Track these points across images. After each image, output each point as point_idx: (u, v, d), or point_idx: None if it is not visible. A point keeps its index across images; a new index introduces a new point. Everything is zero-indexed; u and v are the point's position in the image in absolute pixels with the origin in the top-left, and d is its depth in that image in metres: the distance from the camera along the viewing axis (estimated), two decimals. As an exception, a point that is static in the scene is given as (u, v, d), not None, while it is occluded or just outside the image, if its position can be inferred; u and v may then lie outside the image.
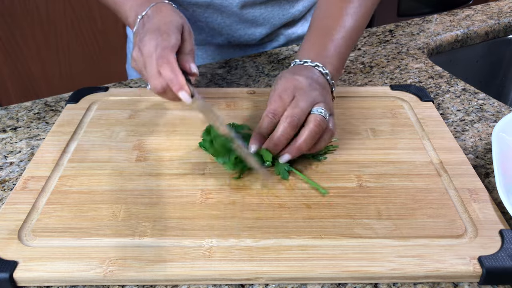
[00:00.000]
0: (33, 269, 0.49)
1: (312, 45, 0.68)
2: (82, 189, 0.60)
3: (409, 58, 0.96)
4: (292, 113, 0.59)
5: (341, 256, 0.50)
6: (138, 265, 0.49)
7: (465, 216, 0.56)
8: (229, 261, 0.50)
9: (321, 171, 0.63)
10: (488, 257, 0.50)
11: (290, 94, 0.60)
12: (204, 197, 0.58)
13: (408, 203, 0.57)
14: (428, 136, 0.69)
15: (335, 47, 0.67)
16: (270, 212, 0.56)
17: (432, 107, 0.76)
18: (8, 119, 0.78)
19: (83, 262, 0.50)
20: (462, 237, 0.53)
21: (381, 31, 1.08)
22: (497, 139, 0.63)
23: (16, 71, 1.90)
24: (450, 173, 0.62)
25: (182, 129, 0.71)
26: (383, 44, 1.02)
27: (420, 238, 0.53)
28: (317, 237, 0.53)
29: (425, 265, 0.49)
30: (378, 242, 0.52)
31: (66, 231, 0.53)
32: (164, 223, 0.55)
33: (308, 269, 0.49)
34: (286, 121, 0.59)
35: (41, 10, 1.82)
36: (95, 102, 0.78)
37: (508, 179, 0.58)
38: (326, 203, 0.57)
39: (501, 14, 1.14)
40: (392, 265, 0.49)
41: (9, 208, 0.57)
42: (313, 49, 0.67)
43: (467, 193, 0.59)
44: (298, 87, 0.61)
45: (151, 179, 0.61)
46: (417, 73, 0.90)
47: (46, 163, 0.64)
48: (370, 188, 0.60)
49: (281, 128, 0.59)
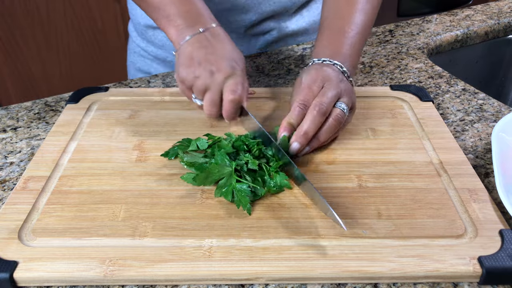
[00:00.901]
0: (33, 269, 0.49)
1: (327, 45, 0.70)
2: (82, 189, 0.60)
3: (409, 58, 0.96)
4: (320, 102, 0.62)
5: (341, 256, 0.50)
6: (138, 265, 0.49)
7: (465, 216, 0.56)
8: (229, 261, 0.50)
9: (321, 171, 0.63)
10: (488, 257, 0.50)
11: (320, 85, 0.64)
12: (204, 197, 0.58)
13: (408, 203, 0.57)
14: (428, 136, 0.69)
15: (350, 44, 0.69)
16: (270, 212, 0.56)
17: (432, 107, 0.76)
18: (8, 119, 0.78)
19: (83, 262, 0.50)
20: (462, 237, 0.53)
21: (381, 31, 1.08)
22: (497, 139, 0.63)
23: (16, 71, 1.90)
24: (450, 173, 0.62)
25: (182, 129, 0.71)
26: (383, 44, 1.02)
27: (420, 238, 0.53)
28: (317, 237, 0.53)
29: (425, 265, 0.49)
30: (378, 242, 0.52)
31: (66, 231, 0.54)
32: (164, 223, 0.55)
33: (308, 269, 0.49)
34: (315, 109, 0.62)
35: (41, 10, 1.82)
36: (95, 102, 0.78)
37: (508, 179, 0.58)
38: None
39: (501, 14, 1.14)
40: (392, 265, 0.49)
41: (9, 208, 0.57)
42: (328, 49, 0.69)
43: (467, 193, 0.59)
44: (327, 78, 0.64)
45: (151, 179, 0.61)
46: (417, 73, 0.90)
47: (46, 163, 0.64)
48: (370, 188, 0.60)
49: (310, 116, 0.62)
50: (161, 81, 0.88)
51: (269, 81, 0.88)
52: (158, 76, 0.90)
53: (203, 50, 0.64)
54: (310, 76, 0.65)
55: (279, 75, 0.90)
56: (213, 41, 0.65)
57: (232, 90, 0.62)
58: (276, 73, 0.91)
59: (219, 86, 0.63)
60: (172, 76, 0.90)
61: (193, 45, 0.64)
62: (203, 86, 0.63)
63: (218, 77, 0.62)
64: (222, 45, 0.65)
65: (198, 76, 0.63)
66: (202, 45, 0.64)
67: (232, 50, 0.65)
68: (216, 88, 0.63)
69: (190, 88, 0.65)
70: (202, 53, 0.63)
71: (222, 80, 0.63)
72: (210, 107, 0.64)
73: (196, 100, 0.66)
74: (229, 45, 0.66)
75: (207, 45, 0.64)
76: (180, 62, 0.65)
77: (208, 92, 0.64)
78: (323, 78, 0.64)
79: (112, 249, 0.51)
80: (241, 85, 0.63)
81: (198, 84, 0.63)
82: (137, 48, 1.02)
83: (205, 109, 0.65)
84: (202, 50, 0.64)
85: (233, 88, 0.62)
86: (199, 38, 0.65)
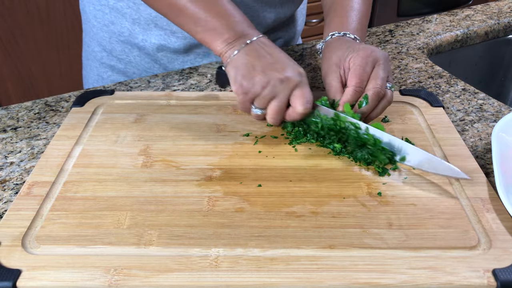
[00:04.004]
0: (36, 278, 0.48)
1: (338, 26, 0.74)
2: (87, 195, 0.59)
3: (409, 58, 0.95)
4: (377, 85, 0.65)
5: (351, 267, 0.49)
6: (143, 274, 0.48)
7: (478, 226, 0.54)
8: (236, 272, 0.49)
9: (330, 179, 0.61)
10: (503, 270, 0.48)
11: (371, 66, 0.66)
12: (211, 204, 0.57)
13: (419, 213, 0.56)
14: (439, 143, 0.68)
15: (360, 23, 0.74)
16: (278, 221, 0.55)
17: (442, 113, 0.75)
18: (8, 119, 0.77)
19: (88, 271, 0.49)
20: (475, 248, 0.52)
21: (381, 31, 1.08)
22: (497, 139, 0.62)
23: (16, 71, 1.90)
24: (462, 182, 0.61)
25: (188, 133, 0.70)
26: (383, 44, 1.02)
27: (431, 249, 0.51)
28: (326, 247, 0.52)
29: (437, 277, 0.48)
30: (389, 253, 0.51)
31: (70, 238, 0.53)
32: (170, 231, 0.54)
33: (317, 281, 0.48)
34: (374, 92, 0.65)
35: (41, 10, 1.82)
36: (101, 106, 0.77)
37: (508, 179, 0.57)
38: (335, 211, 0.56)
39: (501, 14, 1.13)
40: (403, 277, 0.48)
41: (13, 214, 0.56)
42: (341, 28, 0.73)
43: (480, 202, 0.57)
44: (376, 58, 0.67)
45: (157, 185, 0.60)
46: (417, 73, 0.90)
47: (51, 168, 0.63)
48: (380, 197, 0.58)
49: (370, 100, 0.65)
50: (161, 81, 0.87)
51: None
52: (158, 76, 0.89)
53: (263, 59, 0.63)
54: (361, 57, 0.66)
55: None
56: (268, 50, 0.65)
57: (303, 102, 0.63)
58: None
59: (287, 94, 0.63)
60: (172, 76, 0.89)
61: (249, 55, 0.64)
62: (271, 94, 0.63)
63: (288, 85, 0.63)
64: (279, 53, 0.65)
65: (265, 85, 0.63)
66: (259, 54, 0.64)
67: (288, 57, 0.66)
68: (284, 96, 0.63)
69: (253, 99, 0.65)
70: (263, 62, 0.63)
71: (291, 88, 0.63)
72: (276, 115, 0.65)
73: (257, 111, 0.66)
74: (283, 53, 0.66)
75: (265, 54, 0.64)
76: (240, 74, 0.63)
77: (275, 100, 0.64)
78: (374, 59, 0.66)
79: (117, 257, 0.50)
80: (310, 94, 0.64)
81: (265, 93, 0.63)
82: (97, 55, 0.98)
83: (269, 117, 0.65)
84: (262, 59, 0.63)
85: (303, 99, 0.63)
86: (252, 47, 0.64)
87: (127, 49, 0.92)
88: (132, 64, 0.93)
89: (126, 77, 0.96)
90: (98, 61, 0.97)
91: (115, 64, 0.95)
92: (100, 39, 0.94)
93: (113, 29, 0.90)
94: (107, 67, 0.96)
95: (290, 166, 0.64)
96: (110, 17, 0.90)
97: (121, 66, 0.95)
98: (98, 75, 0.98)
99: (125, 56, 0.93)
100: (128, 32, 0.90)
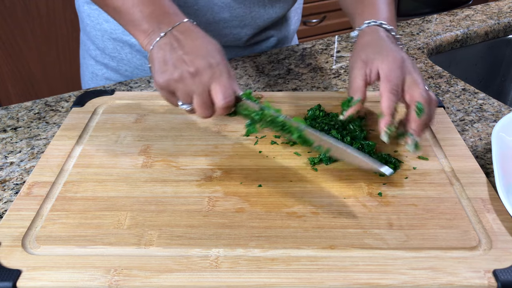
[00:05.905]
0: (36, 278, 0.48)
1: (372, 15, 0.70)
2: (87, 196, 0.59)
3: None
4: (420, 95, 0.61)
5: (351, 268, 0.49)
6: (143, 275, 0.48)
7: (479, 226, 0.54)
8: (237, 272, 0.49)
9: (330, 180, 0.61)
10: (503, 271, 0.48)
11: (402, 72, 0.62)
12: (211, 204, 0.57)
13: (419, 213, 0.56)
14: (440, 143, 0.68)
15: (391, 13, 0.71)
16: (279, 221, 0.55)
17: (443, 113, 0.75)
18: (8, 119, 0.77)
19: (88, 272, 0.49)
20: (476, 249, 0.51)
21: (384, 32, 1.08)
22: (497, 139, 0.62)
23: (16, 71, 1.90)
24: (463, 182, 0.61)
25: (188, 133, 0.70)
26: (385, 44, 1.02)
27: (432, 250, 0.51)
28: (326, 247, 0.51)
29: (438, 278, 0.48)
30: (390, 254, 0.51)
31: (70, 239, 0.53)
32: (170, 231, 0.53)
33: (318, 281, 0.48)
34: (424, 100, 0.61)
35: (41, 10, 1.81)
36: (101, 106, 0.77)
37: (508, 179, 0.57)
38: (335, 212, 0.56)
39: (501, 14, 1.13)
40: (404, 278, 0.48)
41: (13, 214, 0.56)
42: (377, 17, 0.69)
43: (480, 203, 0.57)
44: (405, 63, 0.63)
45: (157, 185, 0.60)
46: (417, 73, 0.90)
47: (51, 168, 0.63)
48: (380, 197, 0.58)
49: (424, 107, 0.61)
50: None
51: (269, 81, 0.87)
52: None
53: (174, 52, 0.60)
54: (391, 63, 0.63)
55: (279, 75, 0.89)
56: (182, 39, 0.61)
57: (222, 96, 0.58)
58: (276, 73, 0.90)
59: (205, 87, 0.59)
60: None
61: (163, 48, 0.60)
62: (188, 90, 0.59)
63: (201, 79, 0.58)
64: (193, 42, 0.61)
65: (178, 80, 0.59)
66: (172, 46, 0.60)
67: (205, 43, 0.61)
68: (203, 91, 0.59)
69: (173, 93, 0.61)
70: (174, 55, 0.59)
71: (206, 81, 0.59)
72: (203, 109, 0.60)
73: (183, 106, 0.61)
74: (199, 39, 0.61)
75: (177, 46, 0.60)
76: (155, 69, 0.60)
77: (195, 96, 0.59)
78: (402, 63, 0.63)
79: (117, 258, 0.50)
80: (228, 85, 0.59)
81: (181, 88, 0.59)
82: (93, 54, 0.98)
83: (198, 112, 0.61)
84: (173, 52, 0.60)
85: (221, 93, 0.58)
86: (167, 39, 0.61)
87: (119, 46, 0.92)
88: (124, 61, 0.94)
89: (119, 74, 0.96)
90: (93, 59, 0.98)
91: (108, 62, 0.95)
92: (93, 37, 0.94)
93: (106, 27, 0.91)
94: (101, 65, 0.97)
95: (291, 166, 0.64)
96: (104, 15, 0.90)
97: (113, 64, 0.95)
98: (92, 73, 0.99)
99: (117, 54, 0.93)
100: (120, 30, 0.90)
